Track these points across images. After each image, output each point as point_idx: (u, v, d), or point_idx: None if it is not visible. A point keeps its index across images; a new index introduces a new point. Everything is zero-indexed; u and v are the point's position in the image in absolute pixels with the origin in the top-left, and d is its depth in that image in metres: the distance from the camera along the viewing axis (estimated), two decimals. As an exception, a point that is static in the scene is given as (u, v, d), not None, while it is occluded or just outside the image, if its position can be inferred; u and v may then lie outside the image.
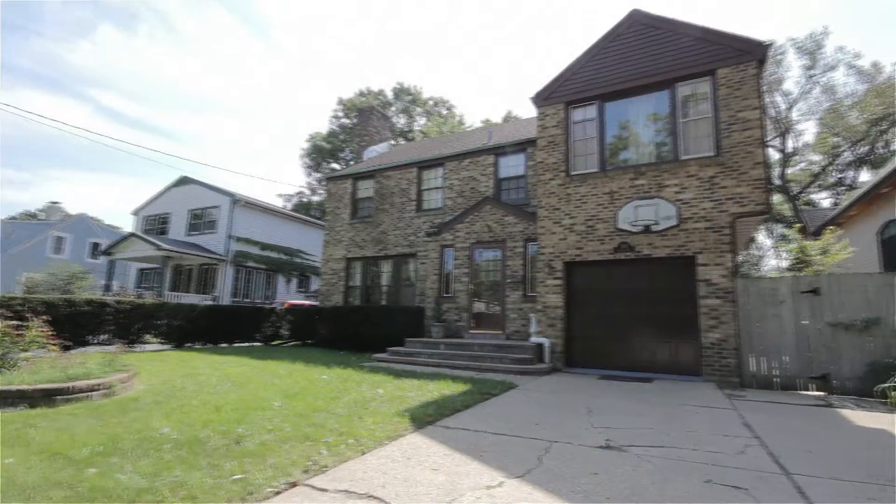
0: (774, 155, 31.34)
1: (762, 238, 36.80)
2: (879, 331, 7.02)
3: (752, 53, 8.52)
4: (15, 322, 6.85)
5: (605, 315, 9.31)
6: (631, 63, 9.60)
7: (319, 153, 44.27)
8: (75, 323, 10.49)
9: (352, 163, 25.35)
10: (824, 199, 33.87)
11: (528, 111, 52.13)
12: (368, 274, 15.20)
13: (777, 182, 30.38)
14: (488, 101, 73.52)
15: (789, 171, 32.47)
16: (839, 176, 33.09)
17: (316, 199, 44.54)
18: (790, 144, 32.21)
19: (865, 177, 29.38)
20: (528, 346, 9.46)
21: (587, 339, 9.43)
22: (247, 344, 14.60)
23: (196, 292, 22.65)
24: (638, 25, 9.70)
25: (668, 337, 8.68)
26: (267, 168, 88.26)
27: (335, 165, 43.73)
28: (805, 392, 7.29)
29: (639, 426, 4.67)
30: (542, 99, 10.53)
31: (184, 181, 25.00)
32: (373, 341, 12.25)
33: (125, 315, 11.62)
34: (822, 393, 7.16)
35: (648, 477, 3.16)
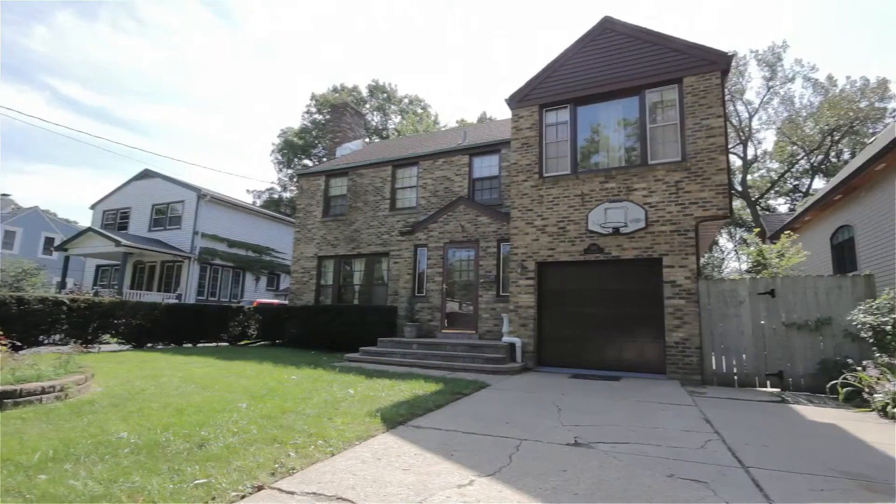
0: (736, 162, 32.71)
1: (724, 241, 38.32)
2: (830, 330, 7.42)
3: (717, 63, 8.86)
4: (-42, 321, 6.42)
5: (576, 315, 9.49)
6: (603, 68, 9.82)
7: (291, 149, 43.43)
8: (27, 322, 9.94)
9: (324, 159, 25.00)
10: (782, 205, 35.58)
11: (503, 113, 52.68)
12: (341, 273, 15.00)
13: (738, 188, 31.71)
14: (463, 101, 73.81)
15: (749, 177, 33.94)
16: (795, 183, 34.84)
17: (287, 195, 43.67)
18: (751, 152, 33.70)
19: (819, 184, 31.01)
20: (501, 346, 9.54)
21: (558, 338, 9.59)
22: (213, 344, 14.16)
23: (159, 290, 21.84)
24: (610, 33, 9.93)
25: (635, 336, 8.92)
26: (236, 163, 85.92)
27: (307, 162, 42.98)
28: (762, 389, 7.63)
29: (606, 423, 4.78)
30: (517, 101, 10.64)
31: (146, 174, 24.05)
32: (345, 341, 12.09)
33: (81, 314, 11.08)
34: (777, 389, 7.50)
35: (614, 473, 3.23)
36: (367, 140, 25.78)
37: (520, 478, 3.09)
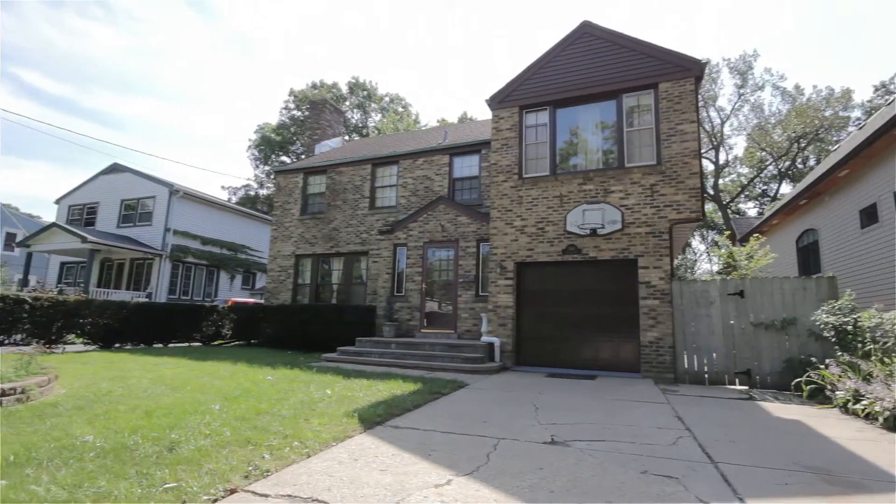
0: (708, 166, 33.68)
1: (696, 243, 39.40)
2: (795, 330, 7.70)
3: (691, 70, 9.09)
4: None
5: (554, 315, 9.60)
6: (581, 72, 9.96)
7: (268, 145, 42.67)
8: (-16, 321, 9.49)
9: (302, 156, 24.63)
10: (751, 209, 36.80)
11: (483, 113, 52.89)
12: (319, 271, 14.81)
13: (710, 191, 32.65)
14: (444, 101, 73.83)
15: (721, 181, 34.99)
16: (764, 187, 36.08)
17: (264, 192, 42.89)
18: (722, 157, 34.72)
19: (786, 189, 32.19)
20: (479, 346, 9.57)
21: (536, 338, 9.69)
22: (185, 344, 13.78)
23: (128, 289, 21.17)
24: (588, 37, 10.08)
25: (611, 336, 9.08)
26: (212, 159, 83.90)
27: (285, 158, 42.31)
28: (731, 386, 7.87)
29: (582, 421, 4.85)
30: (498, 102, 10.70)
31: (115, 168, 23.27)
32: (322, 341, 11.94)
33: (44, 312, 10.63)
34: (745, 387, 7.75)
35: (590, 470, 3.28)
36: (346, 138, 25.54)
37: (497, 476, 3.10)
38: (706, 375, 8.16)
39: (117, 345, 12.17)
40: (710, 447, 3.93)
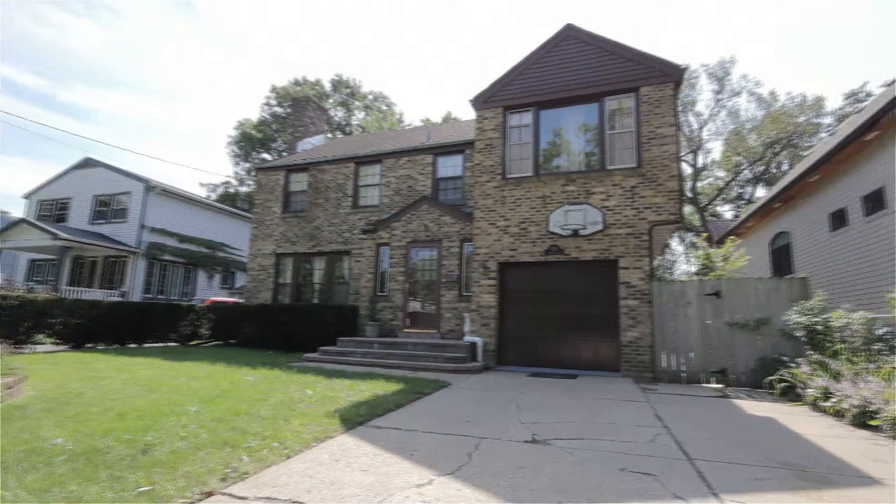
0: (687, 169, 34.42)
1: (675, 244, 40.22)
2: (768, 329, 7.92)
3: (671, 75, 9.27)
4: None
5: (536, 314, 9.68)
6: (565, 74, 10.06)
7: (249, 142, 41.94)
8: (-53, 320, 9.10)
9: (284, 154, 24.28)
10: (727, 212, 37.71)
11: (468, 113, 52.97)
12: (300, 271, 14.62)
13: (688, 194, 33.36)
14: (429, 100, 73.68)
15: (699, 184, 35.79)
16: (740, 191, 37.03)
17: (244, 190, 42.16)
18: (700, 161, 35.53)
19: (761, 193, 33.09)
20: (462, 345, 9.58)
21: (519, 338, 9.75)
22: (160, 344, 13.46)
23: (101, 287, 20.56)
24: (572, 40, 10.19)
25: (592, 335, 9.19)
26: (190, 156, 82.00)
27: (266, 156, 41.66)
28: (707, 385, 8.05)
29: (563, 420, 4.90)
30: (482, 102, 10.73)
31: (88, 163, 22.55)
32: (303, 341, 11.80)
33: (12, 311, 10.25)
34: (720, 385, 7.94)
35: (570, 468, 3.31)
36: (329, 136, 25.30)
37: (479, 476, 3.11)
38: (683, 374, 8.33)
39: (90, 345, 11.80)
40: (686, 444, 4.01)
